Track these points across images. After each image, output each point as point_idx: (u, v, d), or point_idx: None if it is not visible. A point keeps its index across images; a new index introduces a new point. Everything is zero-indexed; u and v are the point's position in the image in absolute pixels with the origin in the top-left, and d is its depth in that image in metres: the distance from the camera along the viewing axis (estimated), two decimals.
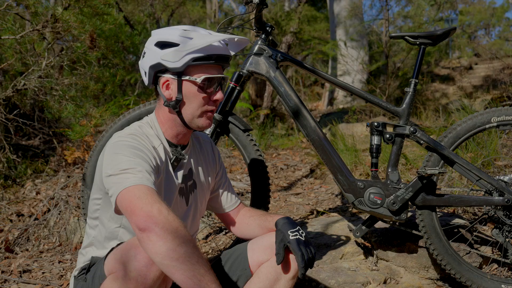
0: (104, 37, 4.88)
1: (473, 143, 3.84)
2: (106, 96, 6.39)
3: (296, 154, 5.70)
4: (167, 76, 1.86)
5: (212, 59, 1.84)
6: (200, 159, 2.12)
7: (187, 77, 1.84)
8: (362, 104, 8.71)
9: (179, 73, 1.84)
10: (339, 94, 10.27)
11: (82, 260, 1.95)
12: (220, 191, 2.23)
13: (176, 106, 1.87)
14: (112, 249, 1.78)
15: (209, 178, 2.15)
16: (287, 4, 15.01)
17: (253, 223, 2.14)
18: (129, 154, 1.72)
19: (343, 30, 10.27)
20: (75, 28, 4.34)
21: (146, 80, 1.91)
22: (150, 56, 1.85)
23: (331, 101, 10.63)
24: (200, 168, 2.10)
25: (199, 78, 1.83)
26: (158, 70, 1.86)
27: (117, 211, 1.66)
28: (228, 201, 2.23)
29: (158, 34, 1.88)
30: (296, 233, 1.88)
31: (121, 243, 1.78)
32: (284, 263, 1.90)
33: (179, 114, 1.89)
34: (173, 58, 1.81)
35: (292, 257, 1.91)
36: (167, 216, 1.53)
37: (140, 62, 1.93)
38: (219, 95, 1.89)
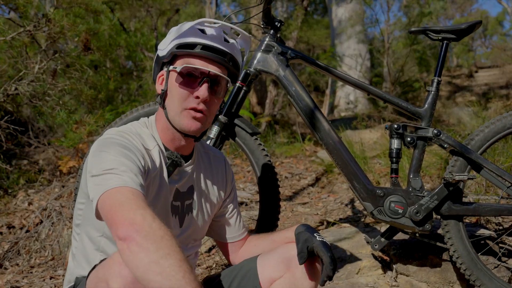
0: (97, 39, 4.67)
1: (489, 149, 3.63)
2: (101, 102, 6.19)
3: (300, 162, 5.49)
4: (163, 70, 1.71)
5: (196, 48, 1.62)
6: (207, 176, 1.87)
7: (171, 67, 1.66)
8: (365, 111, 8.52)
9: (168, 64, 1.68)
10: (341, 101, 10.09)
11: (68, 279, 1.72)
12: (227, 217, 1.97)
13: (161, 100, 1.68)
14: (95, 266, 1.56)
15: (215, 200, 1.90)
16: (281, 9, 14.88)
17: (263, 242, 1.90)
18: (115, 153, 1.50)
19: (344, 37, 10.11)
20: (68, 29, 4.14)
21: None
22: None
23: (332, 109, 10.45)
24: (204, 187, 1.85)
25: (180, 66, 1.63)
26: (159, 66, 1.71)
27: (98, 216, 1.45)
28: (234, 230, 1.97)
29: (177, 29, 1.72)
30: (322, 237, 1.68)
31: (105, 258, 1.55)
32: (301, 278, 1.69)
33: (165, 110, 1.68)
34: (162, 46, 1.67)
35: (309, 270, 1.70)
36: (151, 224, 1.30)
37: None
38: (201, 92, 1.62)
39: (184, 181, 1.76)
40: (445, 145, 2.34)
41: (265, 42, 2.45)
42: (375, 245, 2.39)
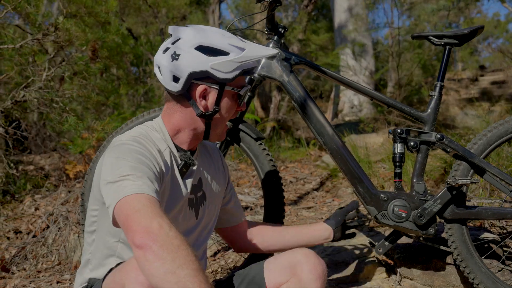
0: (105, 47, 4.72)
1: (493, 153, 3.64)
2: (109, 109, 6.23)
3: (304, 167, 5.51)
4: (206, 84, 1.68)
5: (254, 70, 1.77)
6: (210, 168, 1.94)
7: (230, 88, 1.70)
8: (370, 115, 8.53)
9: (222, 83, 1.69)
10: (345, 106, 10.10)
11: (79, 281, 1.74)
12: (232, 201, 2.09)
13: (211, 117, 1.72)
14: (110, 269, 1.58)
15: (220, 189, 1.97)
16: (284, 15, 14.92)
17: (289, 232, 2.10)
18: (130, 159, 1.53)
19: (347, 41, 10.13)
20: (76, 38, 4.18)
21: (177, 85, 1.67)
22: (191, 60, 1.65)
23: (336, 113, 10.47)
24: (210, 178, 1.92)
25: (242, 90, 1.73)
26: (197, 77, 1.67)
27: (115, 224, 1.48)
28: (237, 213, 2.09)
29: (197, 36, 1.67)
30: None
31: (121, 262, 1.58)
32: (307, 283, 1.73)
33: (208, 125, 1.74)
34: (225, 69, 1.66)
35: (315, 274, 1.74)
36: (168, 233, 1.33)
37: (166, 63, 1.67)
38: (243, 107, 1.82)
39: (194, 175, 1.82)
40: (448, 149, 2.36)
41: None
42: (379, 249, 2.41)
